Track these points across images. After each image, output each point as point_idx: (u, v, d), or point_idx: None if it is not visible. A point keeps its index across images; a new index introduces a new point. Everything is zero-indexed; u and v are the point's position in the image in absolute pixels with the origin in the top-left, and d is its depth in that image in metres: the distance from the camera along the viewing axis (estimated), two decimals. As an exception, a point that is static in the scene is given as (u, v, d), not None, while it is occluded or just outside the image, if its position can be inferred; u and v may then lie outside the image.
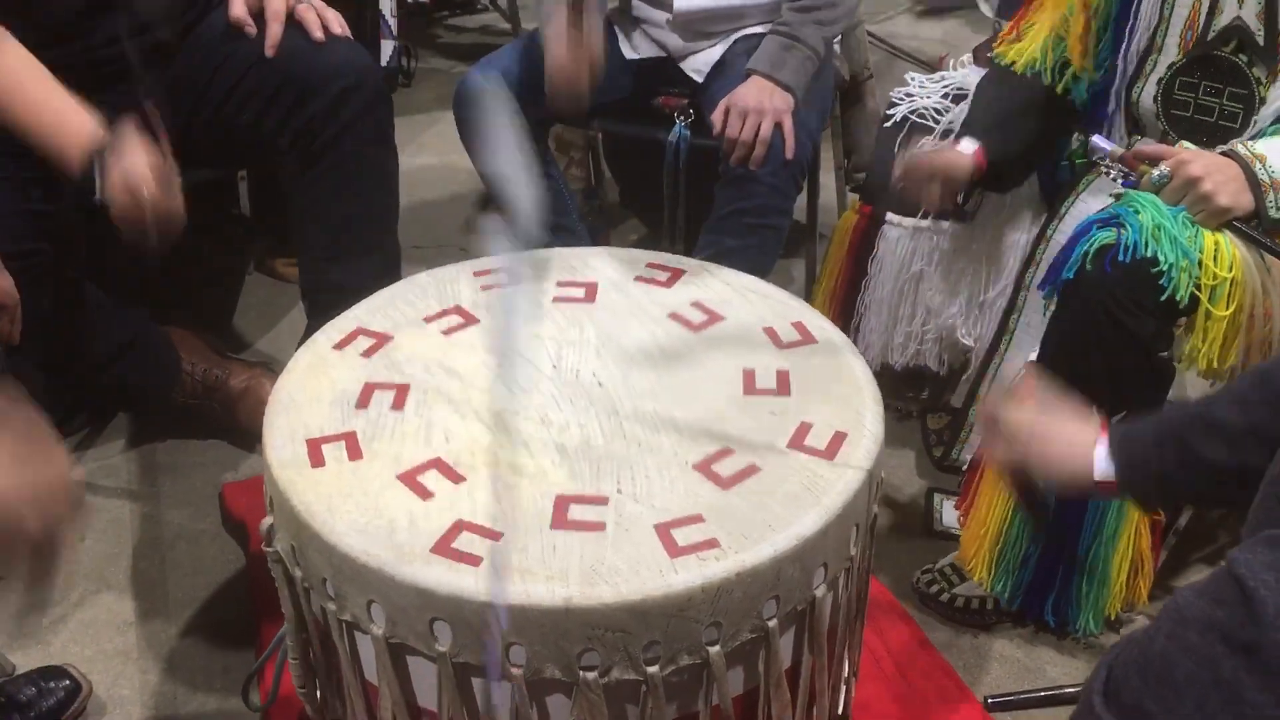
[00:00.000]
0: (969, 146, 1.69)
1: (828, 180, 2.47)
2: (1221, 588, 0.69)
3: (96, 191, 1.51)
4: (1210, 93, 1.54)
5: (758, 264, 1.94)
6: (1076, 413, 1.21)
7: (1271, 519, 0.75)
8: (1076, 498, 1.25)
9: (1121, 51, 1.61)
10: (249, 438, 2.02)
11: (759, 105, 1.87)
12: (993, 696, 1.53)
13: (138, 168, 1.48)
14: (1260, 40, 1.49)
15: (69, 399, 2.11)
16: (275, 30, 1.75)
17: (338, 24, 1.79)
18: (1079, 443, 1.19)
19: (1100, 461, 1.17)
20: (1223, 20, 1.51)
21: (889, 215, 1.96)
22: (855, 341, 2.00)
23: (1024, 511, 1.31)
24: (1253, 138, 1.50)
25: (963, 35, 3.77)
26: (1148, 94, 1.59)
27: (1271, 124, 1.50)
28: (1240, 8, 1.50)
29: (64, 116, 1.53)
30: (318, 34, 1.76)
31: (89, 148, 1.51)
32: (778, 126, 1.88)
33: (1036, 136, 1.74)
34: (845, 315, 2.04)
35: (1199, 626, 0.68)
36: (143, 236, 1.50)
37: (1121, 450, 1.17)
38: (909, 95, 1.98)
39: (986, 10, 3.58)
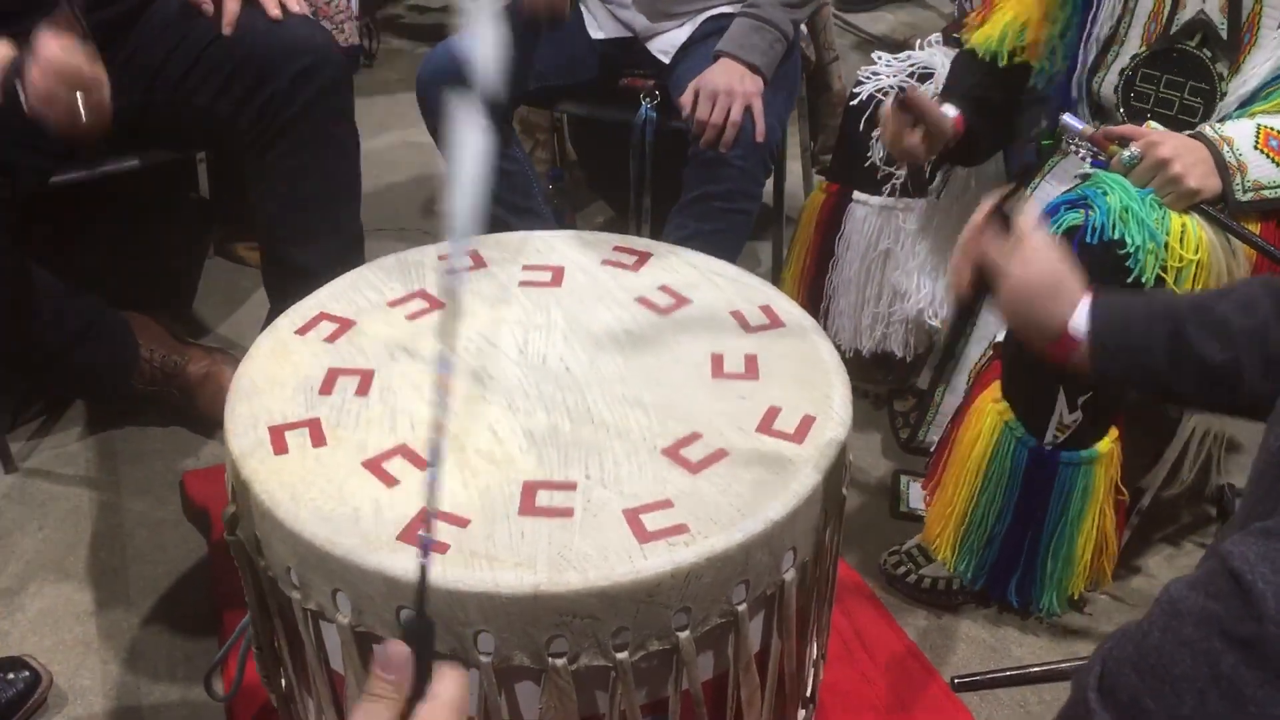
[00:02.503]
0: (950, 111, 1.68)
1: (794, 164, 2.47)
2: (1217, 581, 0.67)
3: (23, 104, 1.47)
4: (1171, 85, 1.55)
5: (726, 247, 1.93)
6: (1073, 267, 1.15)
7: (1261, 511, 0.74)
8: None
9: (1083, 40, 1.62)
10: (209, 424, 1.99)
11: (729, 87, 1.86)
12: (959, 677, 1.54)
13: (51, 51, 1.44)
14: (1223, 34, 1.50)
15: (25, 386, 2.07)
16: (232, 8, 1.72)
17: (296, 2, 1.76)
18: (1067, 285, 1.12)
19: (1080, 312, 1.11)
20: (1186, 14, 1.52)
21: (855, 194, 1.96)
22: (825, 324, 2.01)
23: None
24: (1218, 120, 1.51)
25: (927, 19, 3.77)
26: (1109, 84, 1.60)
27: (1237, 108, 1.51)
28: (1204, 1, 1.50)
29: None
30: (275, 12, 1.73)
31: (5, 66, 1.47)
32: (747, 109, 1.87)
33: (1005, 114, 1.74)
34: (814, 298, 2.04)
35: (1195, 621, 0.67)
36: (74, 123, 1.47)
37: (1106, 310, 1.11)
38: (875, 74, 1.98)
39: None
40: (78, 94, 1.45)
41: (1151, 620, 0.70)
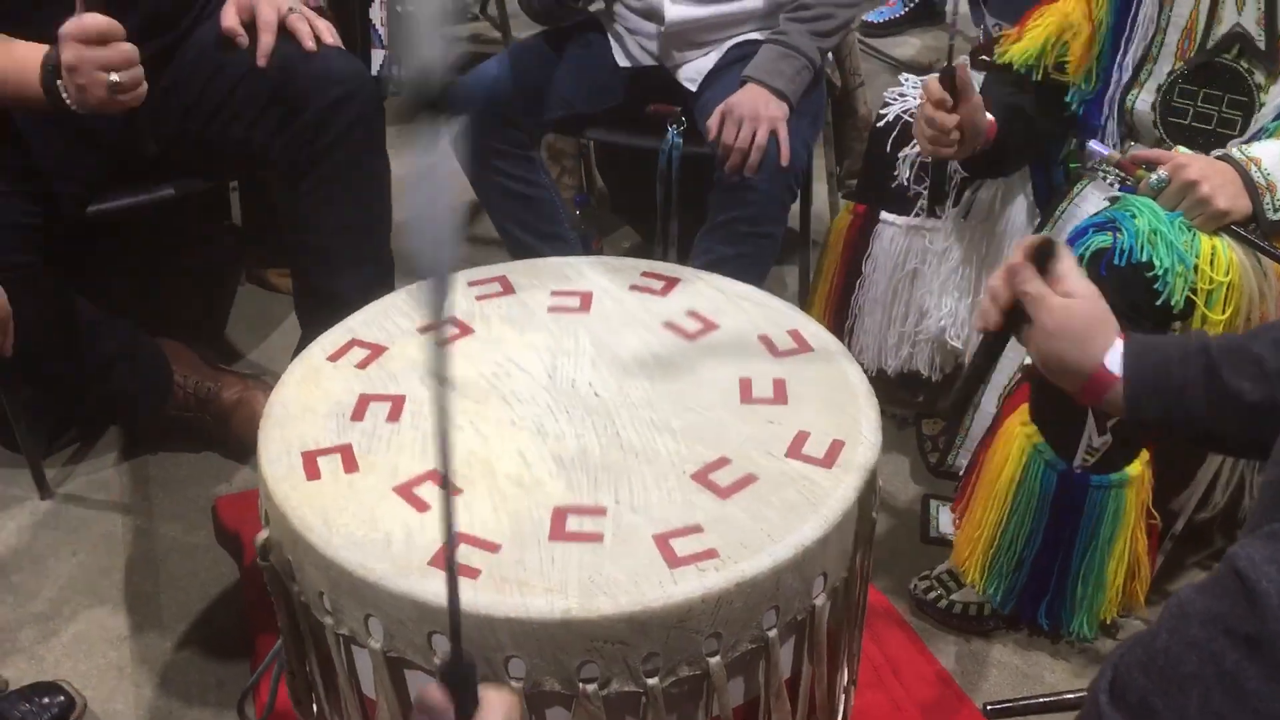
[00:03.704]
0: (988, 117, 1.67)
1: (820, 189, 2.47)
2: (1223, 582, 0.69)
3: (66, 98, 1.51)
4: (1209, 100, 1.55)
5: (752, 272, 1.94)
6: (1106, 312, 1.13)
7: (1272, 517, 0.75)
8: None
9: (1118, 60, 1.61)
10: (241, 450, 2.01)
11: (754, 112, 1.87)
12: (991, 704, 1.53)
13: (72, 27, 1.48)
14: (1261, 45, 1.49)
15: (60, 412, 2.10)
16: (267, 40, 1.75)
17: (329, 33, 1.79)
18: (1100, 330, 1.11)
19: (1114, 352, 1.10)
20: (1223, 28, 1.52)
21: (883, 214, 1.96)
22: (850, 343, 2.01)
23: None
24: (1247, 141, 1.51)
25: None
26: (1144, 102, 1.59)
27: (1274, 119, 1.50)
28: (1240, 14, 1.50)
29: (14, 54, 1.54)
30: (309, 44, 1.76)
31: (43, 63, 1.51)
32: (773, 134, 1.88)
33: (1033, 131, 1.73)
34: (840, 316, 2.04)
35: (1201, 621, 0.68)
36: (109, 97, 1.51)
37: (1140, 352, 1.10)
38: (901, 96, 1.98)
39: (973, 15, 3.59)
40: (110, 74, 1.49)
41: (1160, 623, 0.71)
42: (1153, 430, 1.42)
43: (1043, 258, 1.14)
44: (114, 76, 1.50)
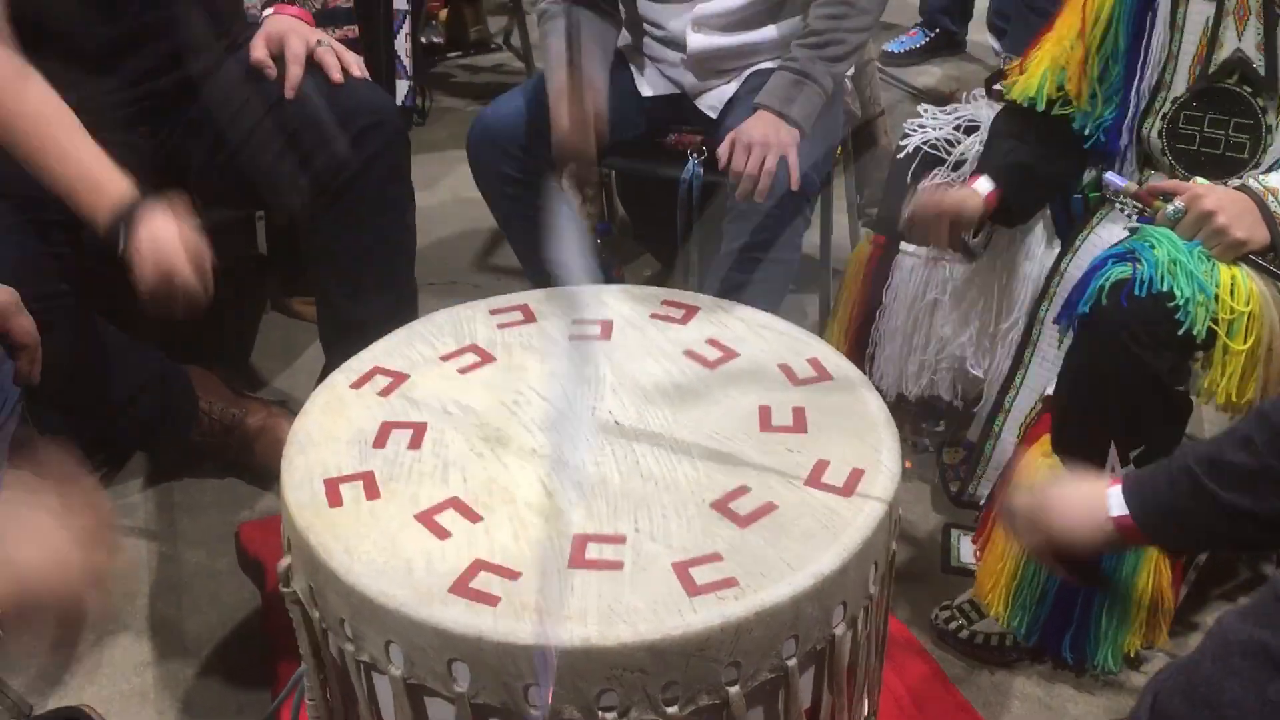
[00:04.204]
0: (984, 186, 1.69)
1: (840, 218, 2.48)
2: (1267, 611, 0.68)
3: (121, 248, 1.51)
4: (1215, 125, 1.55)
5: (767, 299, 1.94)
6: (1083, 475, 1.23)
7: None
8: (1115, 551, 1.25)
9: (1133, 87, 1.62)
10: (265, 477, 2.02)
11: (764, 139, 1.88)
12: (1014, 735, 1.52)
13: (170, 244, 1.47)
14: (1261, 71, 1.50)
15: (87, 439, 2.11)
16: (295, 72, 1.78)
17: (356, 66, 1.82)
18: (1091, 494, 1.19)
19: (1114, 498, 1.17)
20: (1224, 53, 1.53)
21: (903, 245, 1.96)
22: (870, 371, 2.01)
23: (1081, 581, 1.34)
24: (1265, 171, 1.51)
25: (972, 73, 3.79)
26: (1154, 129, 1.60)
27: None
28: (1240, 40, 1.51)
29: (91, 170, 1.51)
30: (336, 75, 1.79)
31: (117, 209, 1.50)
32: (782, 159, 1.89)
33: (1049, 172, 1.74)
34: (860, 345, 2.04)
35: (1244, 650, 0.68)
36: (168, 308, 1.50)
37: (1136, 488, 1.17)
38: (921, 127, 1.99)
39: (994, 44, 3.61)
40: (179, 293, 1.48)
41: (1203, 650, 0.71)
42: (1195, 551, 1.49)
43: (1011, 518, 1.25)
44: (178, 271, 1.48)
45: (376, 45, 2.83)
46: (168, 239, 1.48)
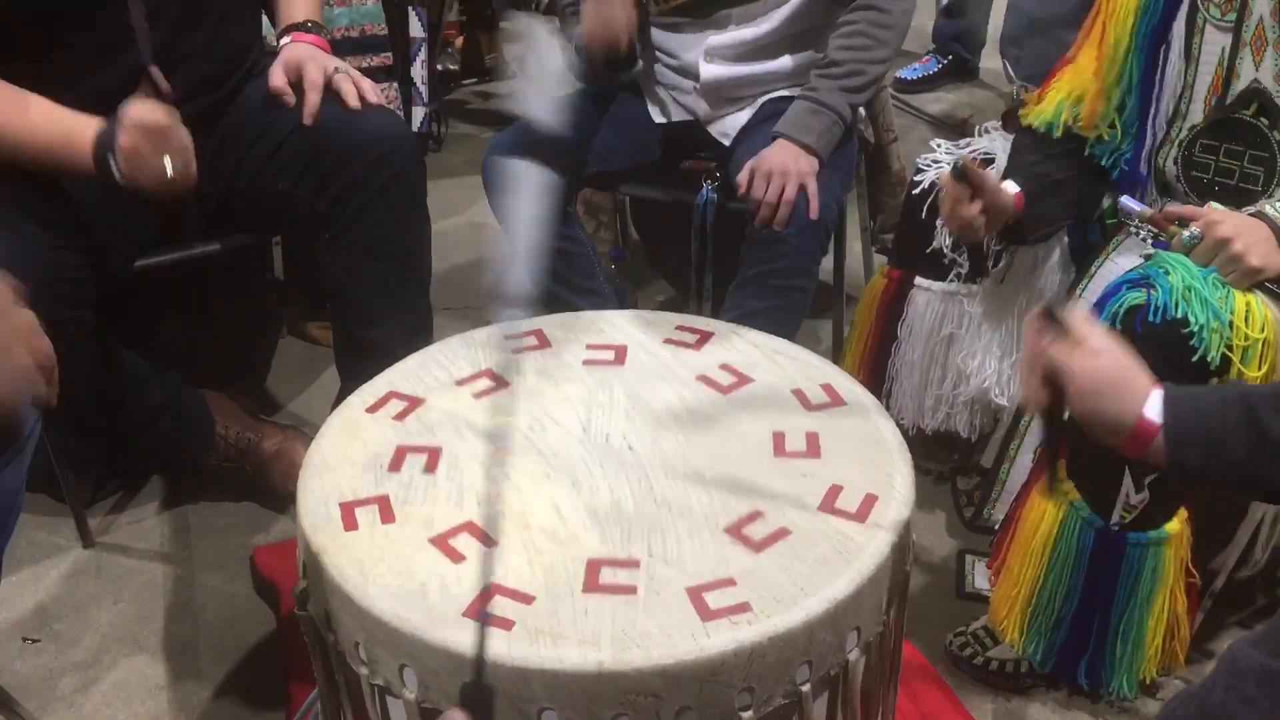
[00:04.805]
0: (1013, 187, 1.69)
1: (854, 244, 2.48)
2: (1278, 638, 0.68)
3: (116, 174, 1.55)
4: (1230, 155, 1.55)
5: (784, 325, 1.94)
6: (1131, 363, 1.15)
7: None
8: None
9: (1150, 117, 1.63)
10: (280, 500, 2.03)
11: (784, 167, 1.89)
12: (1030, 763, 1.51)
13: (135, 112, 1.53)
14: (1279, 101, 1.50)
15: (104, 462, 2.13)
16: (313, 99, 1.80)
17: (373, 93, 1.83)
18: (1135, 380, 1.13)
19: (1153, 401, 1.12)
20: (1241, 84, 1.53)
21: (918, 279, 1.96)
22: (887, 405, 2.00)
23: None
24: (1281, 199, 1.51)
25: (985, 99, 3.80)
26: (1170, 158, 1.60)
27: None
28: (1257, 70, 1.51)
29: (64, 124, 1.58)
30: (354, 103, 1.80)
31: (95, 142, 1.55)
32: (802, 188, 1.90)
33: (1070, 186, 1.74)
34: (876, 379, 2.04)
35: (1256, 678, 0.68)
36: (162, 182, 1.55)
37: (1178, 401, 1.11)
38: (935, 162, 1.99)
39: (1007, 70, 3.62)
40: (164, 156, 1.53)
41: (1214, 679, 0.71)
42: (1193, 480, 1.41)
43: (1053, 322, 1.16)
44: (170, 169, 1.55)
45: (394, 73, 2.87)
46: (137, 113, 1.53)
